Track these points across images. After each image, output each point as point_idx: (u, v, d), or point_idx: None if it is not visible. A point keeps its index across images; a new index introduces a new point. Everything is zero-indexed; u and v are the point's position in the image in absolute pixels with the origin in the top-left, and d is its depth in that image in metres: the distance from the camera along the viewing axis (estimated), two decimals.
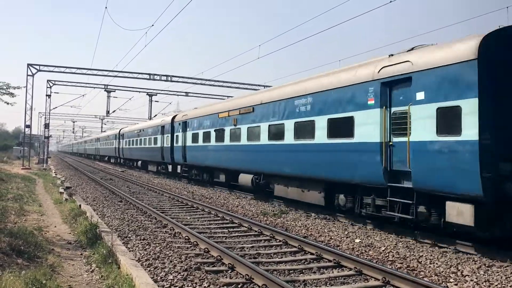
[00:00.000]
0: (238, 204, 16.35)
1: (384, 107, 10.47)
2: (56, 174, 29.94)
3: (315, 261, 8.09)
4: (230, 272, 7.23)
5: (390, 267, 7.61)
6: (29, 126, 38.78)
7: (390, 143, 10.36)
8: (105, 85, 42.00)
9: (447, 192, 8.83)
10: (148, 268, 7.19)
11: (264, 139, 16.28)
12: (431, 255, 8.61)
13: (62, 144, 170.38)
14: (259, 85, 41.43)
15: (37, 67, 36.45)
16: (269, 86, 40.44)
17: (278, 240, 9.75)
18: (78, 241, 9.59)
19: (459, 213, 8.54)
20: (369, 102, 10.93)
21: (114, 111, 46.64)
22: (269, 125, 15.95)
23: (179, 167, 27.60)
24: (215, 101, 32.45)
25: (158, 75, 38.19)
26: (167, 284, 6.41)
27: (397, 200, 10.11)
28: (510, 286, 6.79)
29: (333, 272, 7.40)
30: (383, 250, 9.04)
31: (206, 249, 8.59)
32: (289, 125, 14.53)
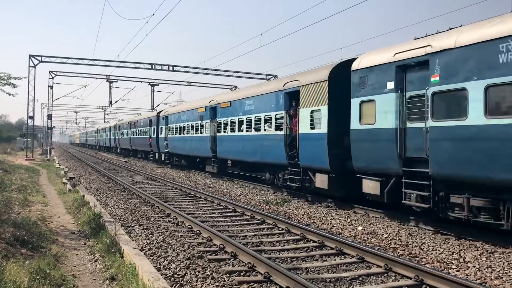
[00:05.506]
0: (241, 193, 16.40)
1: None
2: (59, 165, 30.04)
3: (317, 249, 8.12)
4: (233, 260, 7.26)
5: (392, 254, 7.63)
6: (32, 117, 38.85)
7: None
8: (107, 75, 41.82)
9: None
10: (151, 257, 7.23)
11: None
12: (433, 242, 8.62)
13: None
14: (261, 74, 41.17)
15: (39, 58, 36.31)
16: (272, 75, 40.39)
17: (280, 228, 9.79)
18: (81, 231, 9.66)
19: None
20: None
21: (116, 102, 46.35)
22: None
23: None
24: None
25: (160, 64, 37.93)
26: (170, 273, 6.44)
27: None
28: None
29: (335, 260, 7.43)
30: (385, 237, 9.07)
31: (209, 237, 8.63)
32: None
